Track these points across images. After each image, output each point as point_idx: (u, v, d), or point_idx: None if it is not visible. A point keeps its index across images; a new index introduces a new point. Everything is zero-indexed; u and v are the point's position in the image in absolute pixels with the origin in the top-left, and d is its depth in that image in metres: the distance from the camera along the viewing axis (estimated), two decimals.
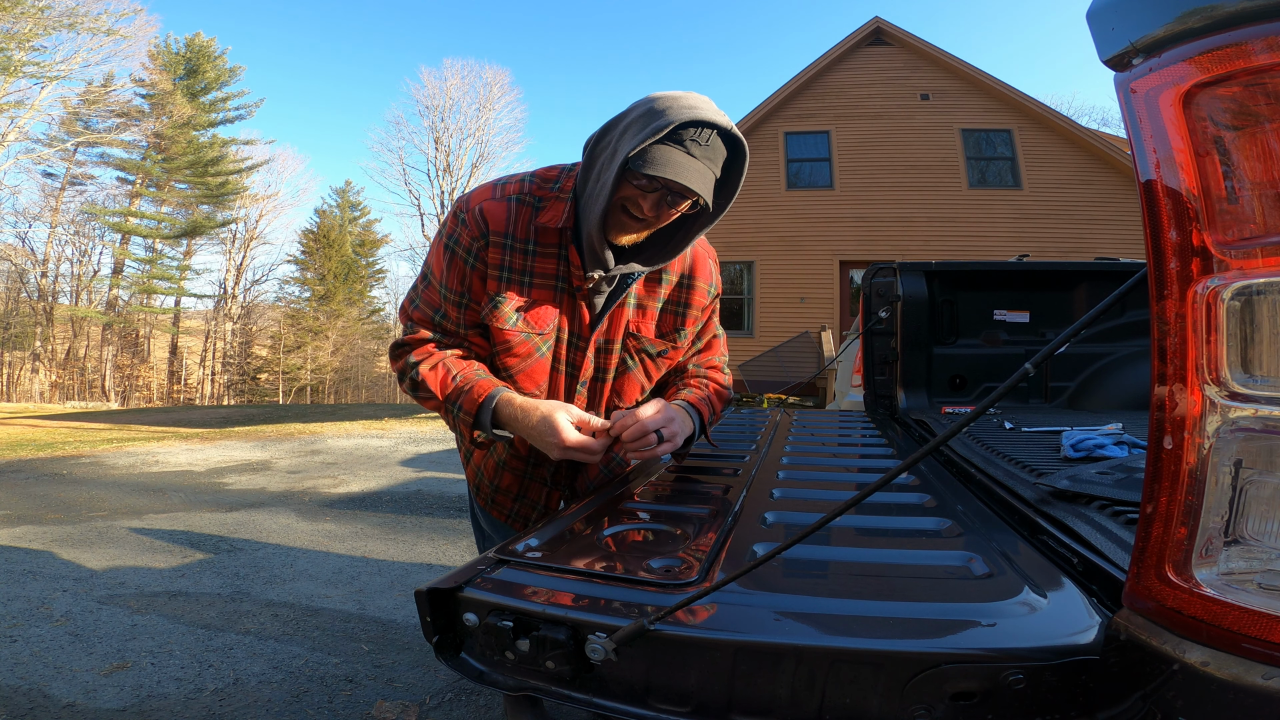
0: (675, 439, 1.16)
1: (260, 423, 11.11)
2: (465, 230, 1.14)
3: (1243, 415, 0.48)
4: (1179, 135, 0.50)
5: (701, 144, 1.02)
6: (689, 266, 1.28)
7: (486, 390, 1.12)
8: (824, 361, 11.51)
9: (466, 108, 30.75)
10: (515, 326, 1.16)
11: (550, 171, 1.19)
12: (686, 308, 1.28)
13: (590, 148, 1.11)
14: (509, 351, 1.18)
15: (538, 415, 1.09)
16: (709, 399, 1.31)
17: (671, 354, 1.29)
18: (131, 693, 2.06)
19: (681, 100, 1.01)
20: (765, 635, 0.62)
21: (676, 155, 1.00)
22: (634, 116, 1.03)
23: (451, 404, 1.14)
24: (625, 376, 1.27)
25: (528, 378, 1.20)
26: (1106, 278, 2.50)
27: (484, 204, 1.14)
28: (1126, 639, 0.54)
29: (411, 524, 4.22)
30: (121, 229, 28.58)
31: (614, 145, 1.04)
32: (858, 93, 13.72)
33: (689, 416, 1.23)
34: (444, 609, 0.73)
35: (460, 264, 1.15)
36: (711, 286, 1.31)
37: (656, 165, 0.99)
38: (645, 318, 1.25)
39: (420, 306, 1.21)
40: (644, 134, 0.98)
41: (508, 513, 1.37)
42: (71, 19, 20.84)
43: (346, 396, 33.36)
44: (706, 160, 1.03)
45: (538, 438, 1.10)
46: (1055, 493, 1.00)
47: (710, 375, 1.37)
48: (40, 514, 4.40)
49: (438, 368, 1.16)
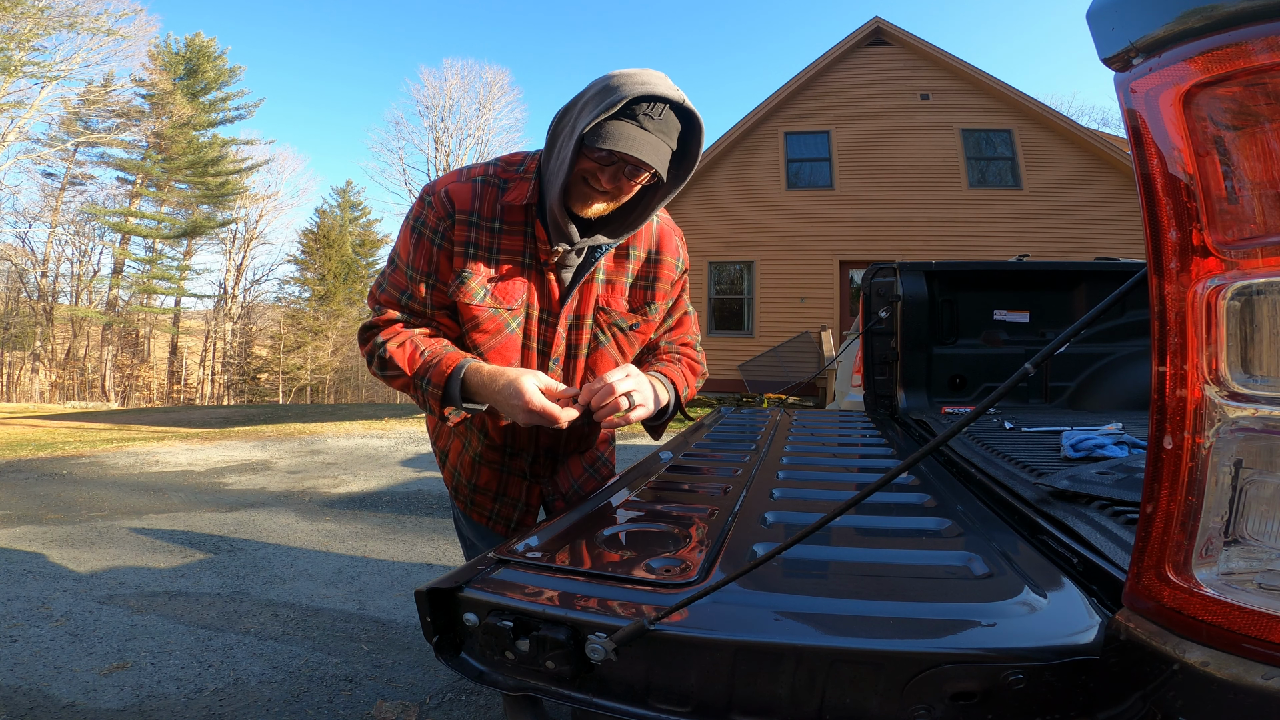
0: (647, 403, 1.15)
1: (260, 423, 11.11)
2: (431, 211, 1.15)
3: (1243, 415, 0.48)
4: (1179, 135, 0.50)
5: (654, 118, 1.04)
6: (655, 242, 1.29)
7: (455, 361, 1.12)
8: (824, 361, 11.51)
9: (466, 108, 30.80)
10: (483, 302, 1.17)
11: (514, 157, 1.21)
12: (655, 281, 1.29)
13: (553, 127, 1.13)
14: (478, 328, 1.18)
15: (504, 380, 1.09)
16: (682, 372, 1.32)
17: (643, 328, 1.30)
18: (131, 693, 2.06)
19: (635, 77, 1.04)
20: (765, 635, 0.62)
21: (629, 129, 1.03)
22: (590, 94, 1.05)
23: (420, 379, 1.13)
24: (598, 352, 1.27)
25: (498, 354, 1.20)
26: (1106, 278, 2.50)
27: (449, 186, 1.16)
28: (1126, 639, 0.54)
29: (411, 524, 4.21)
30: (121, 229, 28.59)
31: (572, 121, 1.07)
32: (858, 93, 13.71)
33: (661, 385, 1.23)
34: (444, 609, 0.73)
35: (427, 244, 1.16)
36: (679, 261, 1.32)
37: (609, 139, 1.02)
38: (615, 292, 1.26)
39: (387, 289, 1.21)
40: (599, 110, 1.01)
41: (489, 514, 1.36)
42: (71, 19, 20.85)
43: (346, 396, 33.36)
44: (660, 134, 1.05)
45: (503, 402, 1.09)
46: (1055, 493, 1.00)
47: (683, 351, 1.38)
48: (40, 514, 4.40)
49: (405, 345, 1.16)
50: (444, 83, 30.67)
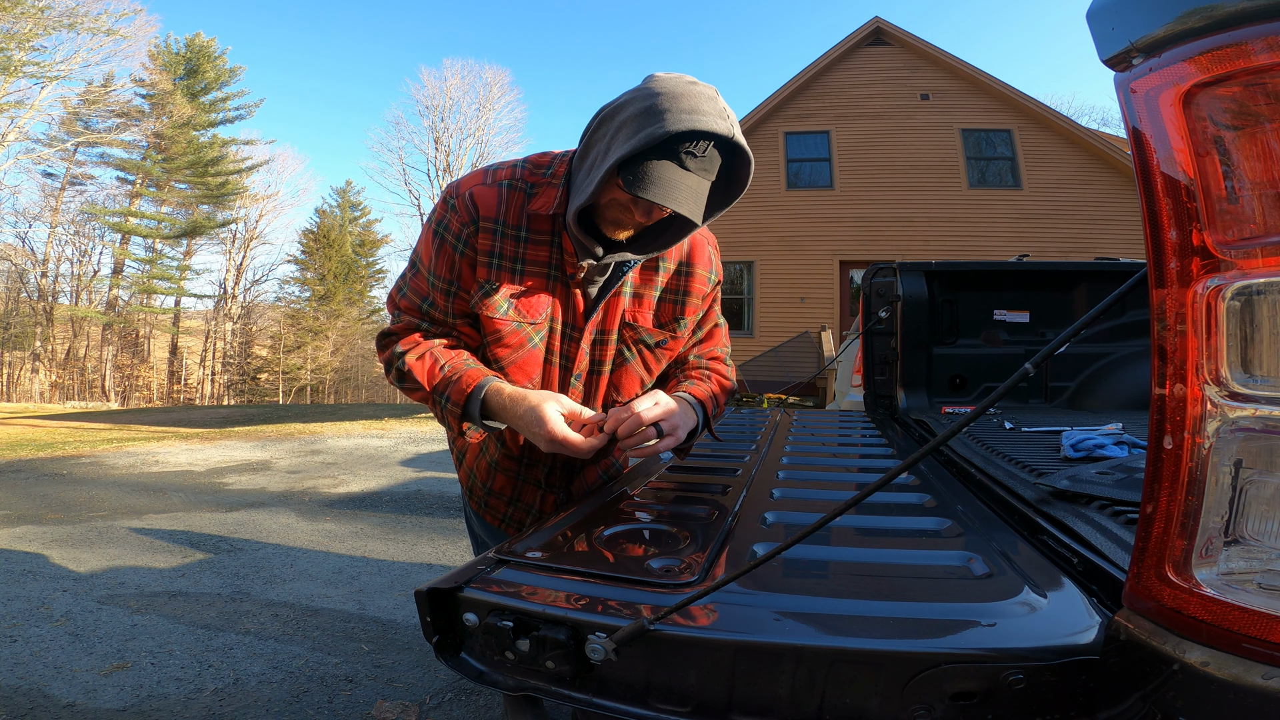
0: (676, 433, 1.11)
1: (260, 423, 11.11)
2: (455, 216, 1.10)
3: (1243, 415, 0.48)
4: (1179, 135, 0.50)
5: (699, 156, 0.96)
6: (687, 253, 1.23)
7: (475, 380, 1.08)
8: (824, 361, 11.51)
9: (466, 108, 30.80)
10: (506, 315, 1.12)
11: (543, 158, 1.16)
12: (686, 296, 1.23)
13: (588, 134, 1.06)
14: (500, 342, 1.15)
15: (526, 405, 1.05)
16: (712, 391, 1.27)
17: (671, 345, 1.25)
18: (131, 693, 2.06)
19: (682, 101, 0.94)
20: (765, 635, 0.62)
21: (669, 173, 0.95)
22: (632, 112, 0.97)
23: (439, 395, 1.10)
24: (623, 369, 1.23)
25: (519, 370, 1.16)
26: (1106, 278, 2.50)
27: (474, 189, 1.10)
28: (1126, 639, 0.54)
29: (411, 524, 4.22)
30: (121, 229, 28.59)
31: (609, 140, 0.99)
32: (858, 93, 13.72)
33: (691, 410, 1.18)
34: (444, 609, 0.73)
35: (449, 251, 1.11)
36: (712, 273, 1.26)
37: (645, 187, 0.95)
38: (642, 307, 1.21)
39: (408, 295, 1.17)
40: (638, 140, 0.93)
41: (501, 516, 1.34)
42: (71, 19, 20.85)
43: (346, 396, 33.37)
44: (702, 173, 0.98)
45: (525, 428, 1.06)
46: (1055, 493, 1.00)
47: (712, 367, 1.33)
48: (40, 514, 4.40)
49: (425, 357, 1.12)
50: (444, 83, 30.71)
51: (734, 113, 1.00)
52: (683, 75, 1.01)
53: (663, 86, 0.97)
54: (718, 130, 0.94)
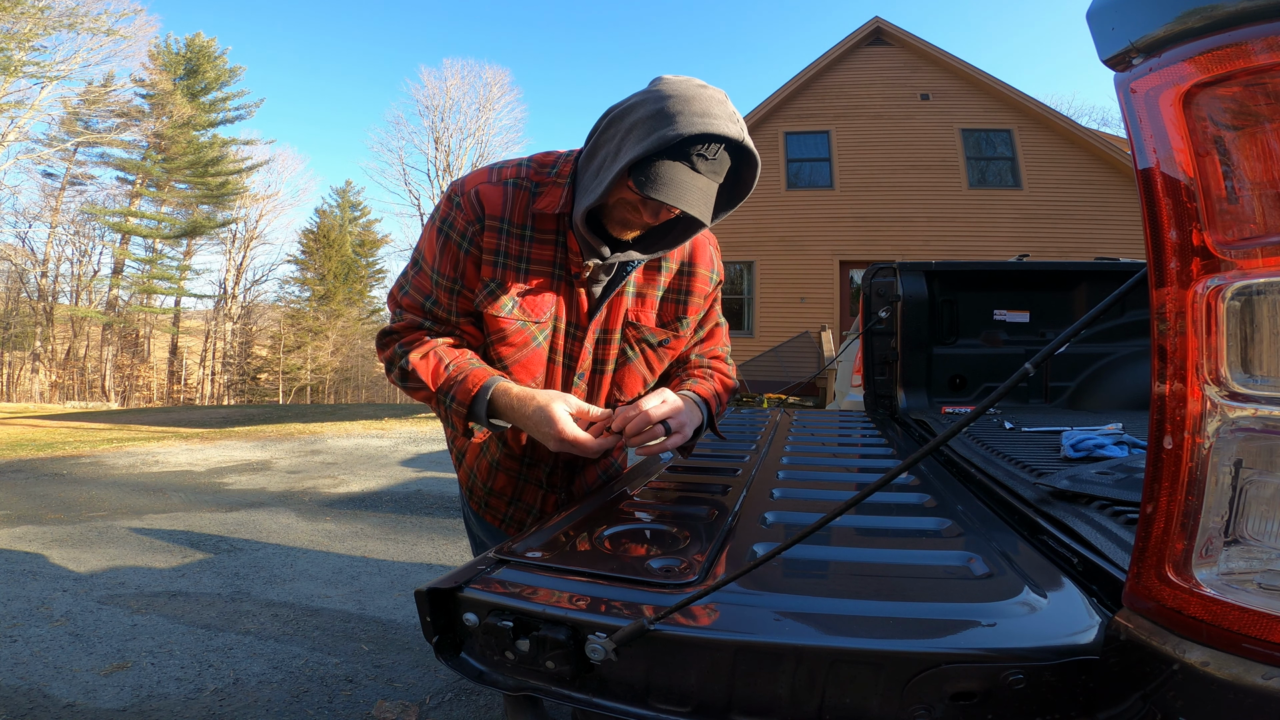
0: (683, 430, 1.12)
1: (260, 423, 11.11)
2: (460, 214, 1.10)
3: (1243, 415, 0.48)
4: (1179, 135, 0.50)
5: (709, 158, 0.97)
6: (689, 253, 1.24)
7: (481, 380, 1.08)
8: (824, 361, 11.51)
9: (466, 108, 30.81)
10: (511, 314, 1.12)
11: (548, 157, 1.16)
12: (688, 295, 1.24)
13: (596, 134, 1.06)
14: (504, 341, 1.15)
15: (534, 405, 1.05)
16: (715, 390, 1.27)
17: (674, 344, 1.26)
18: (131, 693, 2.06)
19: (693, 104, 0.95)
20: (765, 635, 0.62)
21: (680, 175, 0.96)
22: (643, 114, 0.97)
23: (444, 395, 1.09)
24: (626, 368, 1.23)
25: (523, 368, 1.16)
26: (1106, 278, 2.50)
27: (479, 187, 1.10)
28: (1126, 639, 0.54)
29: (411, 524, 4.21)
30: (121, 229, 28.58)
31: (619, 140, 0.99)
32: (858, 93, 13.72)
33: (696, 408, 1.19)
34: (444, 609, 0.73)
35: (454, 249, 1.11)
36: (714, 273, 1.27)
37: (657, 188, 0.95)
38: (645, 306, 1.22)
39: (410, 293, 1.16)
40: (651, 141, 0.94)
41: (501, 517, 1.33)
42: (71, 19, 20.85)
43: (346, 396, 33.37)
44: (712, 175, 0.99)
45: (533, 427, 1.06)
46: (1055, 493, 1.00)
47: (714, 365, 1.34)
48: (40, 514, 4.40)
49: (429, 356, 1.11)
50: (444, 83, 30.72)
51: (741, 116, 1.01)
52: (692, 78, 1.02)
53: (673, 89, 0.98)
54: (729, 134, 0.96)
